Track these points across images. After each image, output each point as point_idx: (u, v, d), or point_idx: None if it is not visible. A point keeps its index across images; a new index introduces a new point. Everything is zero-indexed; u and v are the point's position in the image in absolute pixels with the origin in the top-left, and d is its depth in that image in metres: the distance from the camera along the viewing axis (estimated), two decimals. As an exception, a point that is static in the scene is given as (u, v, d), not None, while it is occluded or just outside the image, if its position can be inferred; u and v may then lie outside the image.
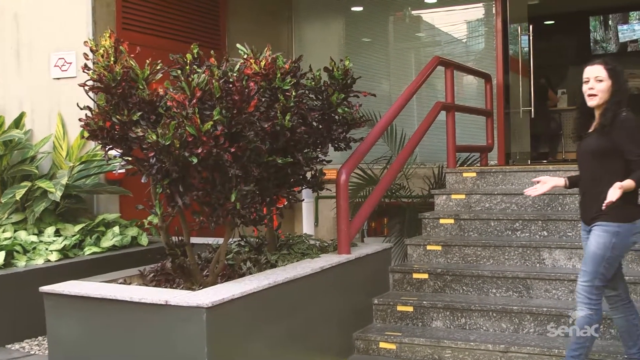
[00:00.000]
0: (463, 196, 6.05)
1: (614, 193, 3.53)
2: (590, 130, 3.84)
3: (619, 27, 12.63)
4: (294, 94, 4.29)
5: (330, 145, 4.92)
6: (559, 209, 5.68)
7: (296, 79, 4.44)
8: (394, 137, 7.71)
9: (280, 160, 4.20)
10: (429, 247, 5.59)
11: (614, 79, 3.76)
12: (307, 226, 6.73)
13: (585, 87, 3.79)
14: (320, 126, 4.72)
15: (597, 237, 3.71)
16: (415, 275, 5.33)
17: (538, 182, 4.13)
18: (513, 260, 5.28)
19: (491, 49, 8.42)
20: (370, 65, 9.19)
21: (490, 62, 8.36)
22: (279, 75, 4.30)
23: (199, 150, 3.68)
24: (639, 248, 4.89)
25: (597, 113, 3.82)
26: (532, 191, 4.10)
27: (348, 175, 5.01)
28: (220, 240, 4.73)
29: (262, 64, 4.30)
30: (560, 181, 4.10)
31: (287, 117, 4.16)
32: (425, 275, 5.30)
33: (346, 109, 4.79)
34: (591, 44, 12.71)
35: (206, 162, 3.78)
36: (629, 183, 3.59)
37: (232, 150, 3.77)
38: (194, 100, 3.72)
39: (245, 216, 4.03)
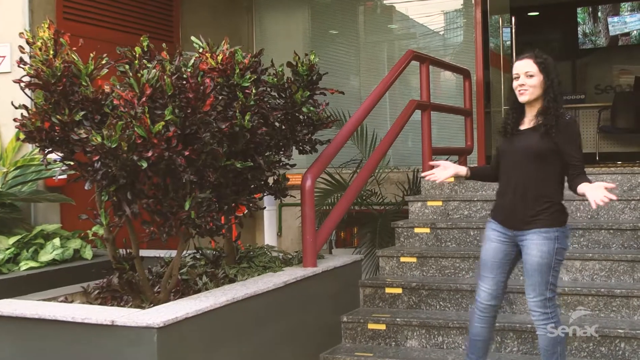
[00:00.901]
0: (440, 203, 6.11)
1: (601, 194, 3.60)
2: (523, 128, 3.95)
3: (610, 20, 12.79)
4: (254, 91, 4.30)
5: (294, 147, 4.94)
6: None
7: (257, 75, 4.46)
8: (364, 138, 7.75)
9: (240, 164, 4.21)
10: (402, 259, 5.64)
11: (545, 73, 3.89)
12: (269, 237, 6.73)
13: (515, 84, 3.92)
14: (284, 127, 4.75)
15: (540, 246, 3.80)
16: (388, 290, 5.37)
17: (437, 165, 4.26)
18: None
19: (470, 43, 8.51)
20: (338, 60, 9.23)
21: (469, 57, 8.45)
22: (237, 70, 4.31)
23: (149, 154, 3.67)
24: (632, 258, 5.00)
25: (528, 110, 3.96)
26: (432, 176, 4.22)
27: (314, 181, 5.03)
28: (173, 253, 4.72)
29: (219, 58, 4.30)
30: (462, 170, 4.22)
31: (247, 117, 4.18)
32: (399, 290, 5.34)
33: (311, 108, 4.82)
34: (579, 37, 12.88)
35: (157, 166, 3.77)
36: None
37: (186, 153, 3.77)
38: (144, 99, 3.72)
39: (200, 226, 4.03)
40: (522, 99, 3.90)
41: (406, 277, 5.60)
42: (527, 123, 3.95)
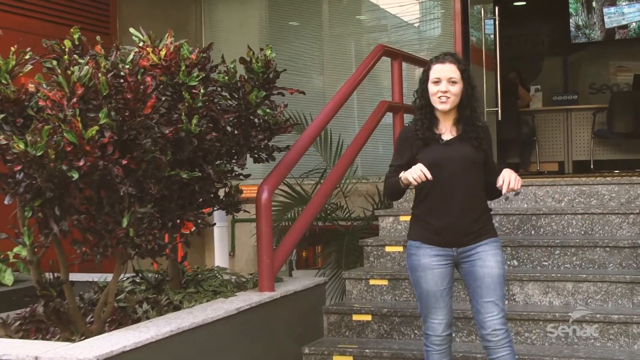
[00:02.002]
0: (414, 218, 6.15)
1: (517, 180, 3.86)
2: (446, 137, 4.04)
3: (605, 10, 12.90)
4: (202, 91, 4.30)
5: (248, 155, 4.94)
6: (532, 232, 5.84)
7: (205, 73, 4.45)
8: (328, 144, 7.78)
9: (186, 174, 4.20)
10: (372, 282, 5.66)
11: (467, 82, 4.04)
12: (220, 257, 6.72)
13: (434, 88, 4.00)
14: (236, 132, 4.74)
15: (495, 256, 3.98)
16: (355, 317, 5.39)
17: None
18: (463, 298, 5.38)
19: (449, 36, 8.59)
20: (299, 56, 9.26)
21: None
22: (183, 68, 4.30)
23: (81, 163, 3.65)
24: (631, 279, 5.07)
25: (442, 117, 4.06)
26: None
27: (271, 193, 5.03)
28: (109, 277, 4.68)
29: (163, 53, 4.30)
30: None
31: (194, 121, 4.17)
32: (368, 317, 5.36)
33: (268, 111, 4.83)
34: (572, 30, 13.02)
35: (90, 177, 3.75)
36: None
37: (124, 162, 3.75)
38: (74, 99, 3.70)
39: (140, 245, 4.01)
40: (441, 107, 4.00)
41: (376, 302, 5.62)
42: (447, 132, 4.06)
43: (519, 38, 13.15)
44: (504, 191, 3.84)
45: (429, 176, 3.80)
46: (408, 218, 6.10)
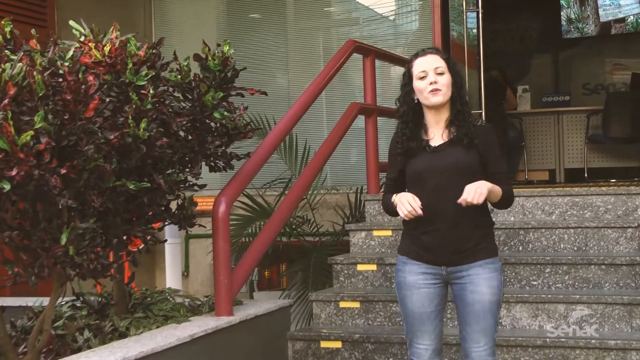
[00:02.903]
0: (389, 232, 6.16)
1: (478, 192, 3.78)
2: (434, 143, 4.02)
3: (600, 2, 12.96)
4: (152, 92, 4.28)
5: (204, 163, 4.92)
6: (520, 248, 5.87)
7: (155, 71, 4.43)
8: (294, 151, 7.78)
9: (133, 185, 4.18)
10: (342, 304, 5.66)
11: (454, 72, 4.05)
12: (172, 277, 6.69)
13: (422, 84, 3.99)
14: (190, 137, 4.72)
15: (489, 280, 3.93)
16: (324, 344, 5.38)
17: None
18: (451, 321, 5.39)
19: (427, 30, 8.63)
20: (261, 52, 9.26)
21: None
22: (130, 65, 4.28)
23: (14, 172, 3.61)
24: (629, 300, 5.10)
25: (433, 119, 4.05)
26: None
27: (229, 206, 5.01)
28: (45, 301, 4.64)
29: (107, 49, 4.27)
30: None
31: (143, 125, 4.15)
32: (338, 344, 5.35)
33: (226, 113, 4.81)
34: (563, 24, 13.11)
35: (24, 188, 3.72)
36: (495, 188, 3.91)
37: (63, 171, 3.73)
38: (6, 101, 3.66)
39: (81, 265, 3.98)
40: (435, 100, 3.97)
41: (347, 327, 5.62)
42: (438, 137, 4.04)
43: (504, 33, 13.21)
44: (458, 200, 3.80)
45: (419, 212, 3.80)
46: (382, 233, 6.17)
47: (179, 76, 4.73)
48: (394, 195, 4.02)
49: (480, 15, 8.65)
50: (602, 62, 12.94)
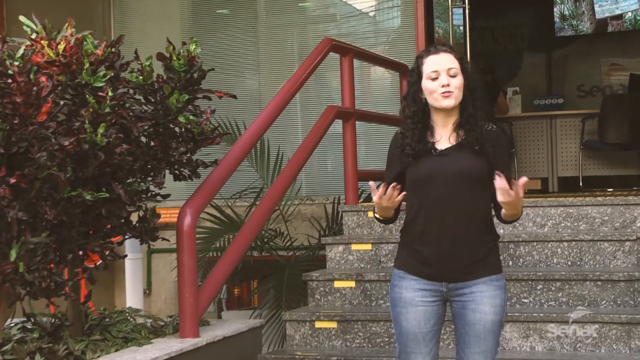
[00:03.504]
0: (369, 246, 6.16)
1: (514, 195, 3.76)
2: (441, 146, 3.99)
3: (596, -2, 13.08)
4: (110, 94, 4.26)
5: (167, 171, 4.90)
6: (510, 263, 5.88)
7: (114, 72, 4.42)
8: (265, 158, 7.77)
9: (90, 195, 4.16)
10: (318, 324, 5.65)
11: (466, 74, 4.03)
12: (133, 296, 6.66)
13: (433, 85, 3.95)
14: (153, 143, 4.71)
15: (493, 299, 3.91)
16: (298, 368, 5.38)
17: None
18: (444, 342, 5.40)
19: (409, 27, 8.63)
20: (230, 51, 9.25)
21: (408, 47, 8.58)
22: (87, 65, 4.26)
23: (-40, 182, 3.60)
24: (627, 319, 5.12)
25: (440, 121, 4.02)
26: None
27: (195, 217, 4.99)
28: (-5, 322, 4.60)
29: (61, 48, 4.25)
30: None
31: (101, 130, 4.13)
32: (314, 368, 5.35)
33: (192, 117, 4.80)
34: (556, 21, 13.15)
35: (-29, 199, 3.69)
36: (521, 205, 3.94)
37: (12, 180, 3.70)
38: (-49, 104, 3.64)
39: (33, 283, 3.95)
40: (446, 103, 3.93)
41: (323, 348, 5.61)
42: (445, 140, 4.00)
43: (493, 31, 13.26)
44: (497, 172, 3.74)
45: (395, 192, 3.76)
46: (361, 247, 6.17)
47: (141, 77, 4.71)
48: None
49: (467, 12, 8.68)
50: (598, 62, 12.97)
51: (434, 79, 3.95)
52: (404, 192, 3.82)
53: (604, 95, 12.19)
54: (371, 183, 3.83)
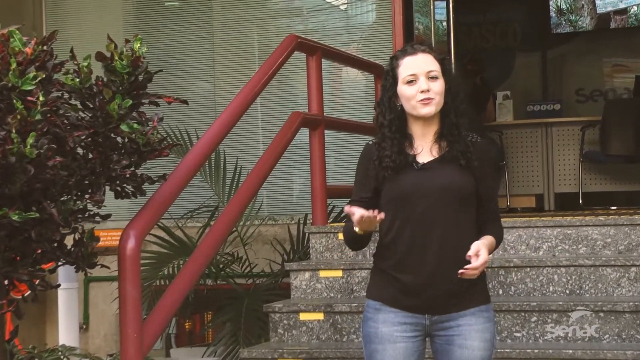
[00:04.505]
0: (339, 273, 6.15)
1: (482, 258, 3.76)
2: (423, 159, 3.99)
3: (597, -9, 13.14)
4: (42, 98, 4.24)
5: (108, 188, 4.88)
6: (499, 291, 5.89)
7: (46, 73, 4.39)
8: (221, 173, 7.76)
9: (17, 216, 4.13)
10: (282, 363, 5.65)
11: (448, 76, 4.03)
12: (67, 331, 6.62)
13: (410, 90, 3.95)
14: (91, 155, 4.69)
15: (482, 333, 3.92)
16: (259, 414, 5.36)
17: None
18: (424, 382, 5.42)
19: (386, 23, 8.66)
20: (181, 51, 9.25)
21: (384, 45, 8.61)
22: (14, 65, 4.24)
23: None
24: (633, 356, 5.13)
25: (419, 131, 4.03)
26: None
27: (140, 241, 4.97)
28: None
29: (-17, 45, 4.24)
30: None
31: (30, 140, 4.11)
32: (277, 413, 5.34)
33: (136, 126, 4.78)
34: (552, 16, 13.21)
35: None
36: (491, 242, 3.94)
37: None
38: None
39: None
40: (425, 111, 3.93)
41: (288, 391, 5.60)
42: (426, 152, 4.01)
43: (481, 27, 13.34)
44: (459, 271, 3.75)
45: (378, 215, 3.74)
46: (331, 274, 6.17)
47: (77, 79, 4.69)
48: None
49: (450, 5, 8.71)
50: (600, 62, 13.06)
51: (410, 83, 3.94)
52: (382, 213, 3.81)
53: (606, 100, 12.26)
54: (348, 209, 3.82)
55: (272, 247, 7.92)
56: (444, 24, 8.83)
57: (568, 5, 13.17)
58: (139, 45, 4.84)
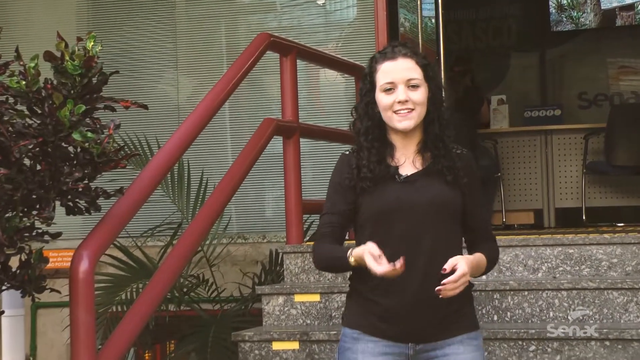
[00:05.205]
0: (317, 297, 6.14)
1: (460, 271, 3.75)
2: (406, 171, 4.00)
3: (602, -15, 13.17)
4: (-17, 104, 4.24)
5: (58, 203, 4.87)
6: (494, 317, 5.90)
7: (-12, 75, 4.40)
8: (185, 186, 7.75)
9: (-45, 234, 4.13)
10: (253, 399, 5.65)
11: (433, 83, 4.02)
12: (13, 362, 6.60)
13: (387, 99, 3.95)
14: (39, 167, 4.68)
15: None
16: None
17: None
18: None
19: (368, 20, 8.69)
20: (140, 50, 9.24)
21: (366, 44, 8.63)
22: (-49, 66, 4.24)
23: None
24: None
25: (400, 141, 4.03)
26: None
27: (94, 262, 4.96)
28: None
29: None
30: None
31: (-30, 150, 4.10)
32: None
33: (90, 134, 4.77)
34: (552, 12, 13.25)
35: None
36: (479, 260, 3.95)
37: None
38: None
39: None
40: (402, 125, 3.94)
41: None
42: (408, 163, 4.01)
43: (474, 24, 13.37)
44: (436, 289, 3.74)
45: (398, 265, 3.67)
46: (307, 298, 6.16)
47: (24, 82, 4.69)
48: (349, 249, 3.88)
49: (439, 2, 8.73)
50: (604, 63, 13.09)
51: (388, 91, 3.94)
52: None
53: (611, 106, 12.29)
54: (373, 253, 3.73)
55: (240, 270, 7.92)
56: (433, 20, 8.86)
57: (569, 1, 13.20)
58: (92, 43, 4.84)
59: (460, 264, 3.75)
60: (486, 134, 10.98)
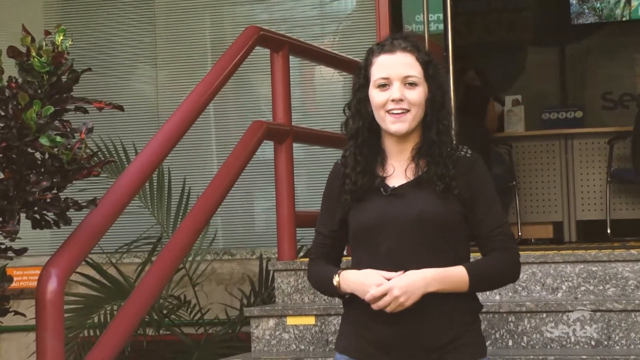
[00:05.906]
0: (312, 320, 6.14)
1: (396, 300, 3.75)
2: (394, 182, 3.96)
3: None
4: (-60, 105, 4.24)
5: (24, 215, 4.87)
6: (509, 342, 5.89)
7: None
8: (165, 196, 7.75)
9: None
10: None
11: (433, 82, 3.98)
12: (-26, 393, 6.59)
13: (381, 97, 3.92)
14: (2, 175, 4.67)
15: None
16: None
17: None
18: None
19: (368, 12, 8.70)
20: (115, 45, 9.25)
21: (366, 39, 8.63)
22: None
23: None
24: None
25: (393, 147, 4.00)
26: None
27: (64, 281, 4.95)
28: None
29: None
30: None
31: None
32: None
33: (59, 139, 4.77)
34: (572, 3, 13.26)
35: None
36: (456, 276, 3.88)
37: None
38: None
39: None
40: (395, 128, 3.90)
41: None
42: (399, 172, 3.98)
43: (486, 17, 13.38)
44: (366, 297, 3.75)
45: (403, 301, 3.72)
46: (301, 321, 6.16)
47: (-15, 81, 4.69)
48: (341, 271, 3.92)
49: (448, -8, 8.75)
50: (631, 60, 13.09)
51: (382, 87, 3.92)
52: None
53: (639, 107, 12.26)
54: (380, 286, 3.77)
55: (228, 289, 7.91)
56: (439, 15, 8.86)
57: (592, -7, 13.27)
58: (61, 37, 4.83)
59: (393, 291, 3.74)
60: (500, 139, 10.96)
